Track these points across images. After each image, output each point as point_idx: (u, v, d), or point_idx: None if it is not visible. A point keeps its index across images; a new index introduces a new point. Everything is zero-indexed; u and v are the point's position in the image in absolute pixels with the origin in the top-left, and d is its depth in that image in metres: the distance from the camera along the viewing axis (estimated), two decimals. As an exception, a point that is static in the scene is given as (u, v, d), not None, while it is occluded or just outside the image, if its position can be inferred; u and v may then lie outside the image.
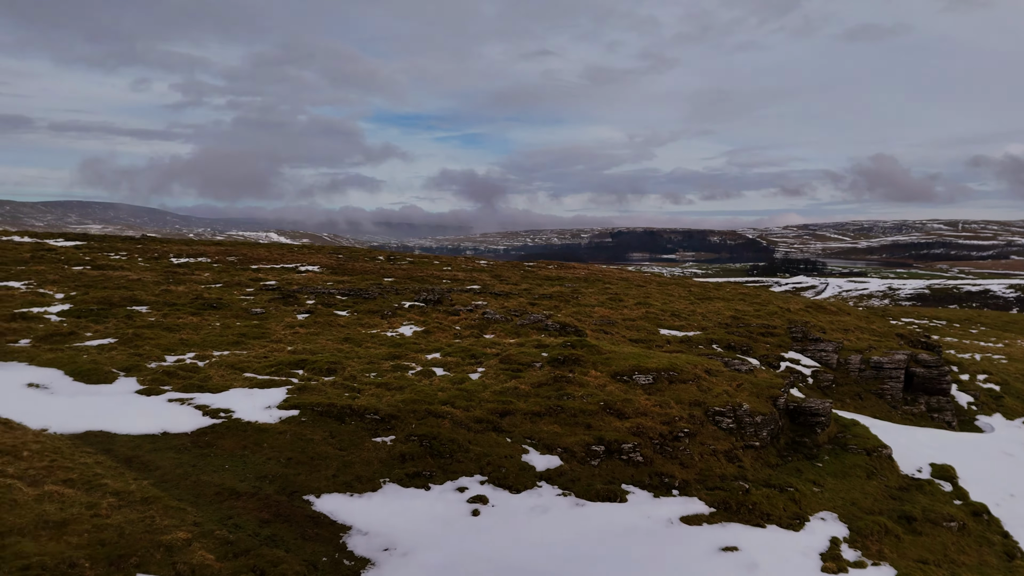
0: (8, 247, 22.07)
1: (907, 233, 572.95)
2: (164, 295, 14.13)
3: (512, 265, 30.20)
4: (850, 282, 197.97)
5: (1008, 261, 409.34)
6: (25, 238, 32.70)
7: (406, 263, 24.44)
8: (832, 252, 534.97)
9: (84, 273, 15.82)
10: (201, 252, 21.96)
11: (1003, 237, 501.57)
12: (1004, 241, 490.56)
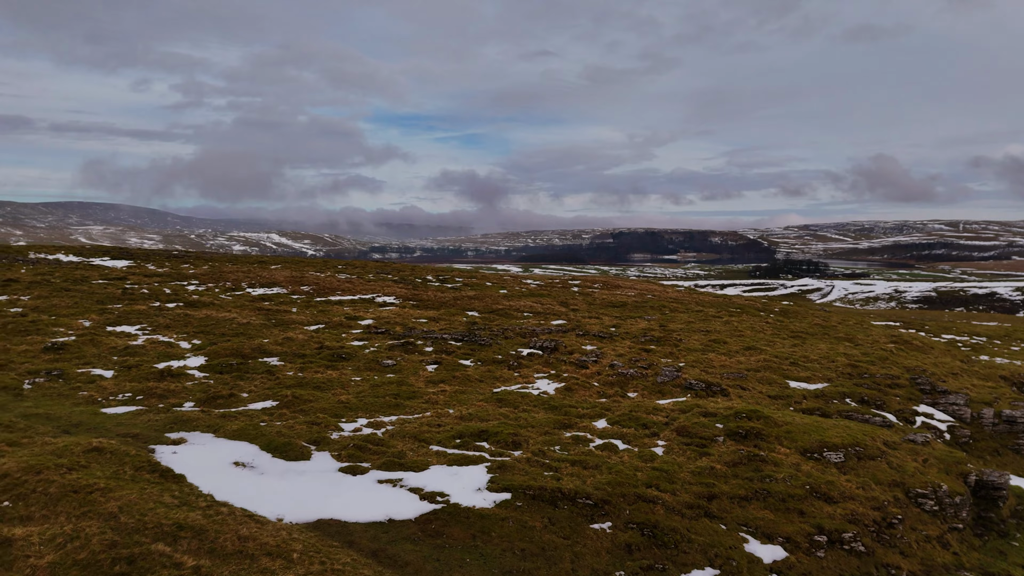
0: (77, 276, 21.51)
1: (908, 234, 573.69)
2: (286, 343, 13.66)
3: (562, 286, 29.40)
4: (856, 284, 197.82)
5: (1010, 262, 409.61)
6: (71, 256, 32.20)
7: (468, 291, 23.81)
8: (833, 253, 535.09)
9: (189, 316, 15.33)
10: (272, 280, 21.34)
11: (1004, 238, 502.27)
12: (1005, 242, 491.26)
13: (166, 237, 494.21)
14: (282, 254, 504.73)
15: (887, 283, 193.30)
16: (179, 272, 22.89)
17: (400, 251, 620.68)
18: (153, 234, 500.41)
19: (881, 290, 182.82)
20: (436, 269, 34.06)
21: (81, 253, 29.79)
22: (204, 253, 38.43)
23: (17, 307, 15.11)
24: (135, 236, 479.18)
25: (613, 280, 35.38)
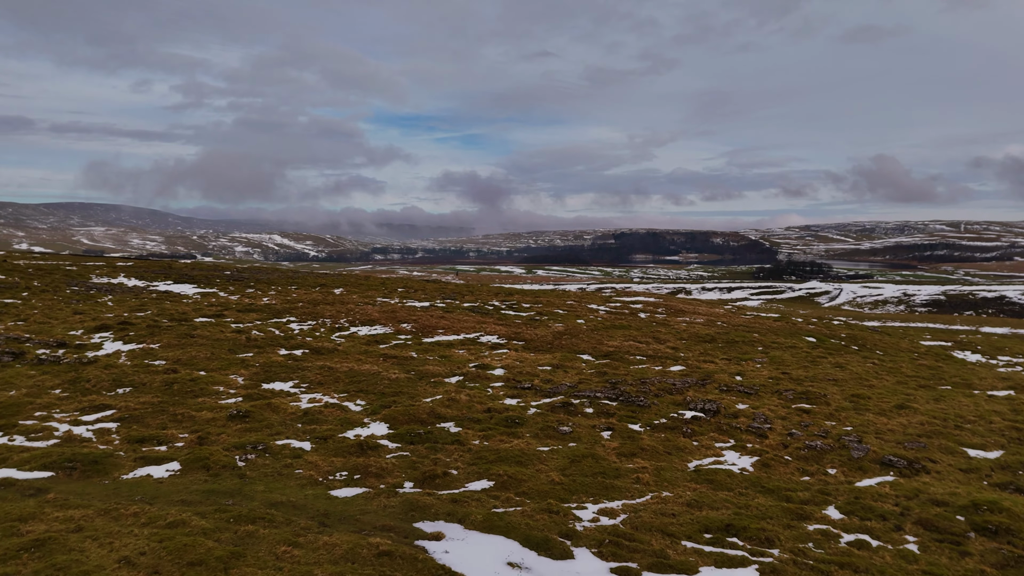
0: (171, 312, 20.80)
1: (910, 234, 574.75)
2: (452, 406, 13.11)
3: (629, 313, 28.42)
4: (864, 287, 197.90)
5: (1013, 263, 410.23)
6: (133, 280, 31.63)
7: (553, 323, 22.98)
8: (835, 253, 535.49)
9: (332, 369, 14.77)
10: (368, 316, 20.59)
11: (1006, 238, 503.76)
12: (1008, 243, 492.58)
13: (168, 239, 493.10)
14: (285, 255, 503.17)
15: (895, 286, 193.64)
16: (258, 304, 22.18)
17: (402, 252, 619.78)
18: (155, 235, 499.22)
19: (890, 293, 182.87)
20: (494, 290, 33.50)
21: (140, 275, 29.12)
22: (258, 271, 37.74)
23: (159, 359, 14.61)
24: (137, 237, 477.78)
25: (674, 303, 34.83)
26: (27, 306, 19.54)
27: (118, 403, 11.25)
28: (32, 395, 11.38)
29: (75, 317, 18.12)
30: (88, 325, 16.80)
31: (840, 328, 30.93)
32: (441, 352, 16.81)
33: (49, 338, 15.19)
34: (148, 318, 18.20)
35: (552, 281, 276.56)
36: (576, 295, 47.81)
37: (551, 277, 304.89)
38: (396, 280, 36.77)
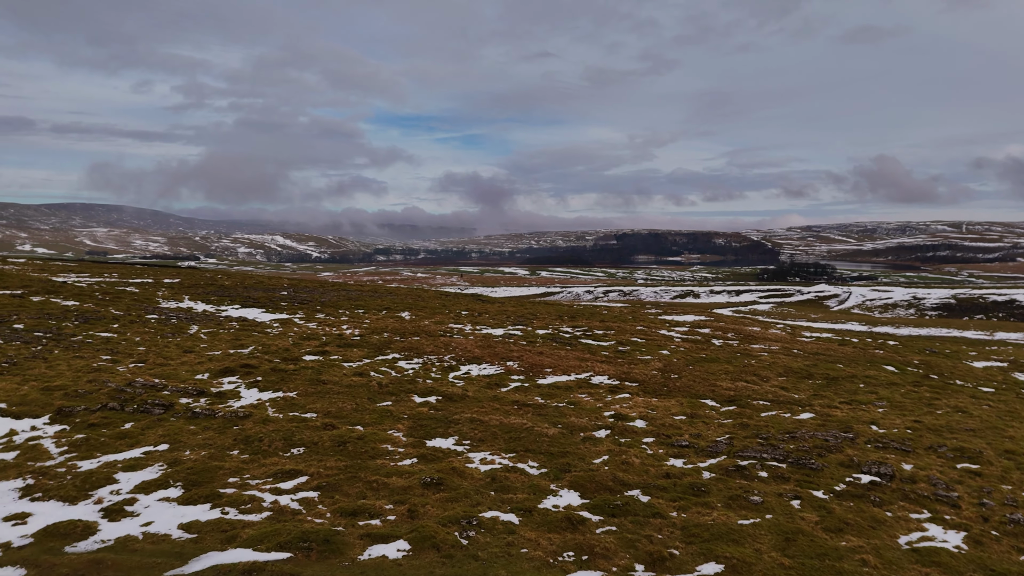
0: (271, 346, 19.56)
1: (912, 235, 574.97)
2: (629, 470, 12.04)
3: (703, 340, 26.69)
4: (873, 291, 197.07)
5: (1016, 264, 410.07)
6: (200, 304, 30.25)
7: (645, 355, 21.60)
8: (837, 254, 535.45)
9: (482, 423, 13.61)
10: (472, 354, 19.30)
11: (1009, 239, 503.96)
12: (1010, 243, 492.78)
13: (171, 240, 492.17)
14: (288, 256, 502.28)
15: (905, 289, 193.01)
16: (346, 336, 20.80)
17: (404, 253, 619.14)
18: (158, 236, 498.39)
19: (899, 297, 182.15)
20: (555, 312, 32.32)
21: (202, 297, 27.70)
22: (311, 289, 36.38)
23: (308, 411, 13.53)
24: (140, 238, 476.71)
25: (740, 326, 33.53)
26: (129, 342, 18.45)
27: (305, 467, 10.27)
28: (213, 457, 10.40)
29: (186, 356, 17.03)
30: (209, 367, 15.70)
31: (907, 353, 29.61)
32: (566, 398, 15.78)
33: (182, 384, 14.08)
34: (261, 358, 17.05)
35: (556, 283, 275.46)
36: (623, 313, 46.67)
37: (555, 278, 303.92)
38: (454, 301, 35.43)
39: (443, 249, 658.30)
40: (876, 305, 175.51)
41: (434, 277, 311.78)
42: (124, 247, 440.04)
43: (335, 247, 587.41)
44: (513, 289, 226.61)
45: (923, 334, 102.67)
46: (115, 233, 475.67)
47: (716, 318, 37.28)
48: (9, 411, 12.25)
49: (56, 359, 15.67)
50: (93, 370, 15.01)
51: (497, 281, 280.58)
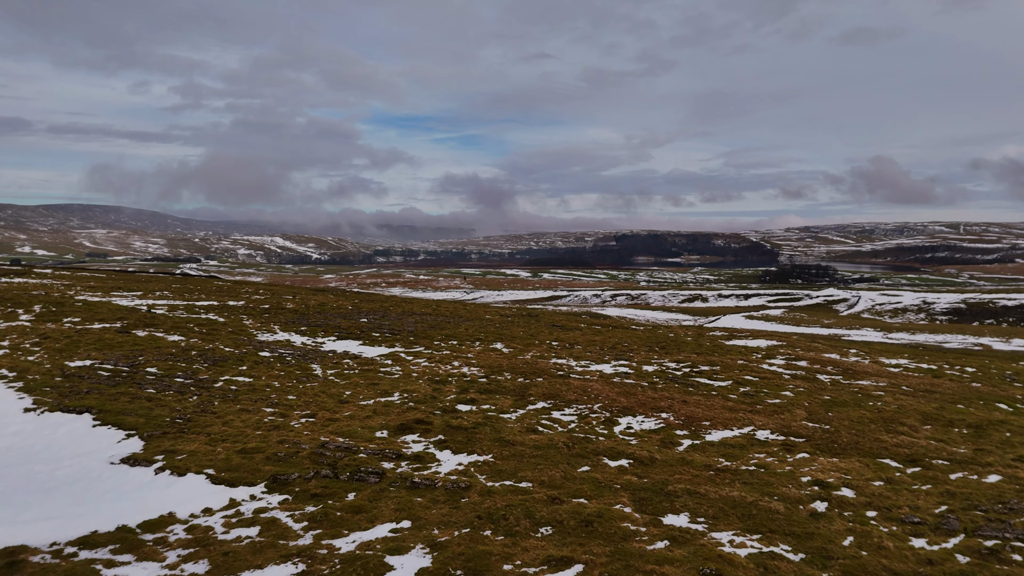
0: (420, 393, 18.85)
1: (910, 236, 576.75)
2: (888, 556, 11.48)
3: (808, 375, 25.48)
4: (883, 295, 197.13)
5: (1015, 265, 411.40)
6: (299, 337, 29.55)
7: (773, 399, 20.63)
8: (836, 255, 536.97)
9: (703, 495, 12.96)
10: (618, 403, 18.66)
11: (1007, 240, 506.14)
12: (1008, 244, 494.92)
13: (171, 241, 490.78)
14: (288, 258, 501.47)
15: (914, 294, 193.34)
16: (476, 380, 20.14)
17: (404, 254, 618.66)
18: (157, 238, 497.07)
19: (909, 301, 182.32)
20: (646, 340, 31.82)
21: (286, 326, 26.96)
22: (389, 313, 35.67)
23: (521, 480, 12.75)
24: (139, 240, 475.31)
25: (817, 353, 32.88)
26: (277, 391, 18.06)
27: (570, 552, 9.85)
28: (473, 540, 10.03)
29: (344, 407, 16.64)
30: (381, 423, 15.22)
31: (1004, 385, 29.04)
32: (748, 459, 15.10)
33: (370, 444, 13.65)
34: (423, 410, 16.53)
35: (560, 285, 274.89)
36: (680, 335, 46.32)
37: (558, 281, 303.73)
38: (532, 327, 34.76)
39: (442, 250, 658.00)
40: (886, 310, 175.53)
41: (437, 279, 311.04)
42: (124, 248, 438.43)
43: (335, 248, 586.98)
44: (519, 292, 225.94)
45: (938, 341, 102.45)
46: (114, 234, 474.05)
47: (786, 341, 36.95)
48: (220, 477, 11.92)
49: (224, 413, 15.32)
50: (270, 427, 14.65)
51: (500, 284, 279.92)
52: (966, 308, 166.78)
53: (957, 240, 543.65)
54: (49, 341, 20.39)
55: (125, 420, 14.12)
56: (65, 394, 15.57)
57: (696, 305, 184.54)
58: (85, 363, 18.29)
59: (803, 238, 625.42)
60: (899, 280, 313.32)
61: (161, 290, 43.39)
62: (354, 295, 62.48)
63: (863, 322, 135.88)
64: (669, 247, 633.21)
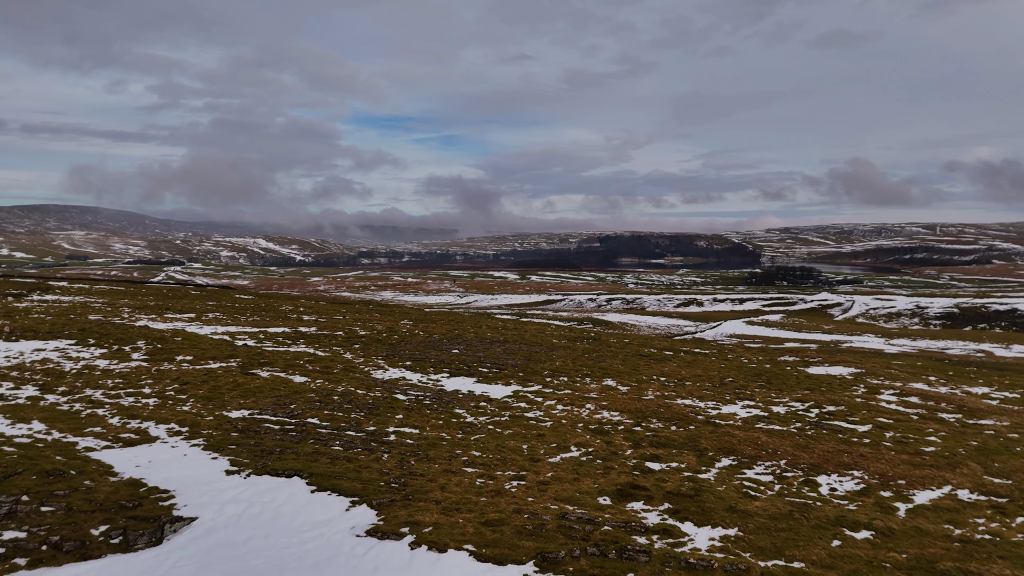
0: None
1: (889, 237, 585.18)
2: None
3: (929, 416, 24.06)
4: (876, 300, 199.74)
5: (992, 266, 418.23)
6: (414, 376, 28.50)
7: (867, 447, 19.68)
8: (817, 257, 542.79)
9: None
10: (808, 461, 17.43)
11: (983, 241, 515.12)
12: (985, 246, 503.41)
13: (151, 243, 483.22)
14: (271, 260, 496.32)
15: (907, 298, 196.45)
16: (630, 428, 19.09)
17: (388, 255, 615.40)
18: (137, 240, 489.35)
19: (903, 306, 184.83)
20: (739, 371, 31.10)
21: (390, 361, 25.52)
22: (482, 341, 34.43)
23: (794, 561, 12.21)
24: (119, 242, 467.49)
25: (904, 383, 32.12)
26: (454, 442, 17.45)
27: None
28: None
29: (536, 466, 15.90)
30: (594, 486, 14.52)
31: None
32: (970, 526, 14.38)
33: (604, 514, 12.92)
34: (618, 469, 15.87)
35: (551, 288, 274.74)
36: (759, 361, 45.97)
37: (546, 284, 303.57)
38: (625, 357, 33.81)
39: (427, 252, 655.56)
40: (880, 314, 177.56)
41: (425, 282, 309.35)
42: (103, 250, 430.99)
43: (318, 250, 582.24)
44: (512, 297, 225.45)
45: (941, 347, 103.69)
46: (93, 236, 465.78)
47: (862, 367, 36.59)
48: (483, 555, 11.30)
49: (429, 474, 14.63)
50: (490, 492, 13.98)
51: (491, 287, 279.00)
52: (959, 313, 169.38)
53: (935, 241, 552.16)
54: (189, 387, 19.61)
55: (341, 484, 13.47)
56: (256, 453, 14.88)
57: (693, 310, 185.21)
58: (243, 414, 17.56)
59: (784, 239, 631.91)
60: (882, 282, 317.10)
61: (209, 311, 42.38)
62: (407, 311, 61.59)
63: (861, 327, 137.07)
64: (652, 248, 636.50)
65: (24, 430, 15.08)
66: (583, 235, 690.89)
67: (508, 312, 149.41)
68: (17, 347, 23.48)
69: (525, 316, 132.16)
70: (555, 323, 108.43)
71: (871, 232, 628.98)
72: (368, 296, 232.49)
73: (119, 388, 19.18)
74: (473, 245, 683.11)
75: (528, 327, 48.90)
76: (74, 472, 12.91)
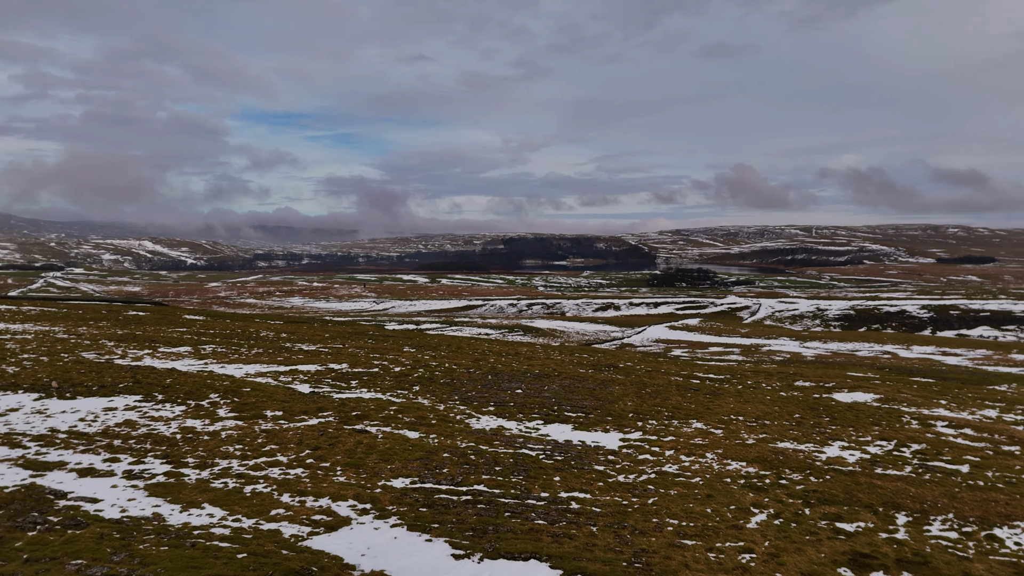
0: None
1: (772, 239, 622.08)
2: None
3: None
4: (780, 302, 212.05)
5: (864, 267, 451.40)
6: (511, 426, 26.64)
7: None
8: (708, 258, 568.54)
9: None
10: (924, 500, 17.64)
11: (855, 243, 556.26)
12: (856, 247, 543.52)
13: (22, 245, 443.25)
14: (160, 264, 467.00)
15: (808, 301, 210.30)
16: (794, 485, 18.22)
17: (287, 258, 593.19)
18: (6, 242, 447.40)
19: (804, 308, 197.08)
20: (794, 404, 31.98)
21: (491, 413, 23.66)
22: (522, 373, 32.61)
23: None
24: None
25: (928, 407, 33.42)
26: (638, 510, 16.63)
27: None
28: None
29: (741, 534, 15.64)
30: (826, 558, 14.22)
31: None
32: None
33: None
34: (816, 529, 15.58)
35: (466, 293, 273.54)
36: (772, 391, 47.04)
37: (458, 287, 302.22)
38: (683, 391, 32.93)
39: (327, 254, 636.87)
40: (785, 316, 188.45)
41: (333, 286, 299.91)
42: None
43: (211, 252, 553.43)
44: (431, 302, 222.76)
45: (850, 349, 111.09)
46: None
47: (884, 394, 38.12)
48: None
49: (652, 547, 14.09)
50: (733, 570, 13.65)
51: (405, 292, 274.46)
52: (855, 315, 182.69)
53: (813, 243, 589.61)
54: (321, 452, 17.88)
55: (587, 567, 12.55)
56: (467, 532, 13.77)
57: (612, 314, 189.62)
58: (405, 483, 16.24)
59: (676, 241, 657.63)
60: (771, 283, 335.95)
61: (187, 342, 39.34)
62: (410, 335, 59.19)
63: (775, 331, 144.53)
64: (555, 250, 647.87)
65: (206, 517, 13.35)
66: (487, 237, 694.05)
67: (436, 319, 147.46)
68: (80, 405, 20.79)
69: (454, 324, 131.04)
70: (541, 341, 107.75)
71: (755, 234, 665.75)
72: (276, 303, 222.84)
73: (248, 457, 17.40)
74: (375, 247, 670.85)
75: (528, 350, 48.24)
76: (316, 569, 11.52)
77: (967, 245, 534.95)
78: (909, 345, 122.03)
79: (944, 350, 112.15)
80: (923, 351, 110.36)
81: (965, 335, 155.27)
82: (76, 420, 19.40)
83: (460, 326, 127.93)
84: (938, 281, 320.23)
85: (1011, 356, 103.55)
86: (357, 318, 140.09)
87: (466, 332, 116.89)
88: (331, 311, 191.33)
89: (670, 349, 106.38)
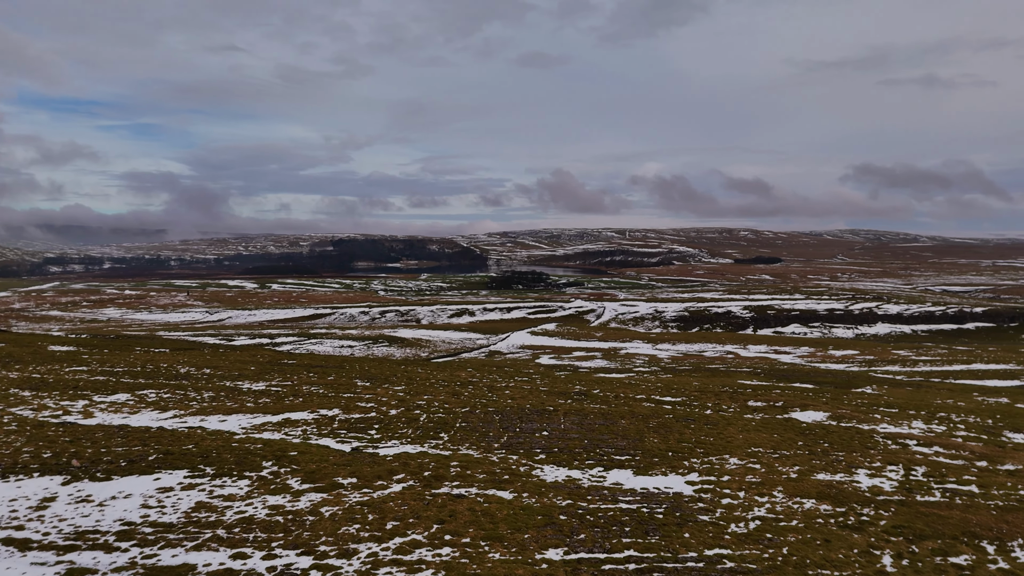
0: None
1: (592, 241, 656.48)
2: None
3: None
4: (623, 305, 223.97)
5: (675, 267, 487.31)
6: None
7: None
8: (536, 260, 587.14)
9: None
10: (971, 525, 19.30)
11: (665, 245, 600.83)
12: (666, 249, 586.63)
13: None
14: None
15: (647, 304, 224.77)
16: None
17: (84, 262, 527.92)
18: None
19: (644, 311, 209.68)
20: (809, 434, 33.81)
21: (549, 463, 22.69)
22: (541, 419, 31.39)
23: None
24: None
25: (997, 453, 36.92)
26: (786, 562, 16.66)
27: None
28: None
29: None
30: None
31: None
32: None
33: None
34: (939, 572, 16.64)
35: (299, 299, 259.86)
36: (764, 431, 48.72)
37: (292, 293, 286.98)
38: (701, 426, 33.45)
39: (132, 256, 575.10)
40: (628, 319, 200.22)
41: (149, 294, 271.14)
42: None
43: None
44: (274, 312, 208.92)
45: (698, 350, 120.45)
46: None
47: (831, 412, 40.07)
48: None
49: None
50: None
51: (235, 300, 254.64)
52: (689, 315, 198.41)
53: (628, 245, 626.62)
54: (448, 527, 16.75)
55: None
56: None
57: (467, 320, 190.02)
58: (558, 553, 15.43)
59: (504, 243, 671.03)
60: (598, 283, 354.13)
61: (142, 388, 34.74)
62: (396, 369, 54.90)
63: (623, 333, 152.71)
64: (388, 252, 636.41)
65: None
66: (314, 238, 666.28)
67: (288, 331, 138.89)
68: (126, 487, 17.64)
69: (311, 337, 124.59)
70: (410, 351, 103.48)
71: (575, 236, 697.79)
72: (88, 315, 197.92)
73: (381, 539, 15.85)
74: (189, 248, 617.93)
75: (489, 380, 47.27)
76: None
77: (756, 246, 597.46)
78: (745, 344, 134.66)
79: (776, 348, 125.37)
80: (759, 350, 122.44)
81: (781, 332, 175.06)
82: (138, 507, 16.57)
83: (319, 339, 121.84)
84: (739, 280, 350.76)
85: (829, 352, 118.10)
86: (195, 333, 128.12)
87: (327, 345, 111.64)
88: (159, 323, 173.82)
89: (538, 355, 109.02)
